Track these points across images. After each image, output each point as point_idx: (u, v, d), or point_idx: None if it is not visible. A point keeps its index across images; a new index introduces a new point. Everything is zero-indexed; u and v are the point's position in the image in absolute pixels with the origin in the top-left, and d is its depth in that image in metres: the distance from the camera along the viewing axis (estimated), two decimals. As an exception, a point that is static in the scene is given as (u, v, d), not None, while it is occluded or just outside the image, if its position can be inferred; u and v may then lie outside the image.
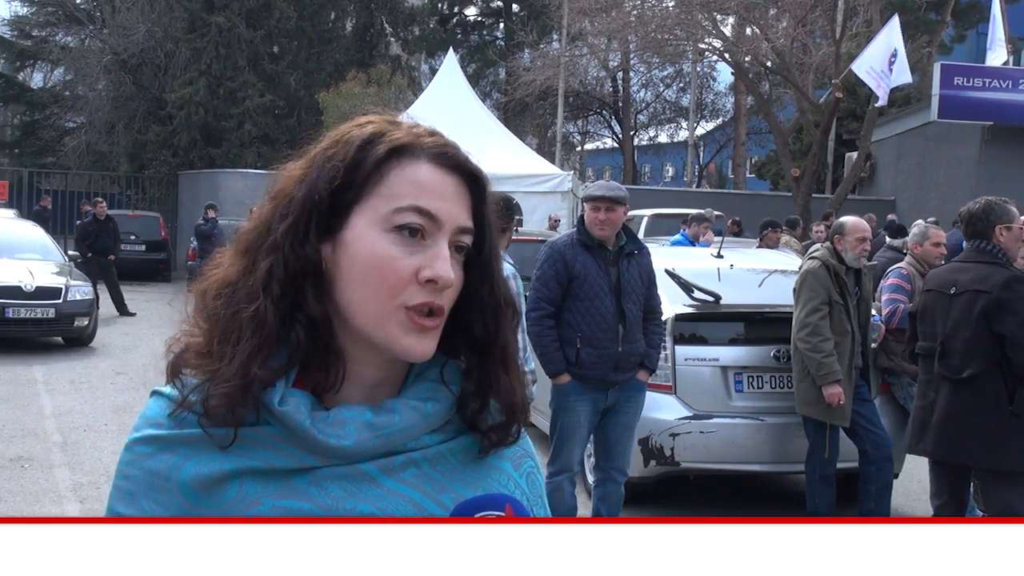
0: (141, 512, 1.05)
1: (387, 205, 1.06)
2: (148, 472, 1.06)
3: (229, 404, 1.03)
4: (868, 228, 5.89)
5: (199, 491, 1.04)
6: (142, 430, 1.08)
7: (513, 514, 1.11)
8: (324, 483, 1.05)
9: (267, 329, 1.04)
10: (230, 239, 1.15)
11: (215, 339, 1.06)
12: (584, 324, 4.97)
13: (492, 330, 1.13)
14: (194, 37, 25.98)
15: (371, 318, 1.06)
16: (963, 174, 19.21)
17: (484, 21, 35.60)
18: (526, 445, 1.22)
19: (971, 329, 4.46)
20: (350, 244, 1.06)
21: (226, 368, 1.03)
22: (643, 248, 5.21)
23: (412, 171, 1.08)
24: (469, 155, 1.12)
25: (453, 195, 1.09)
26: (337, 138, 1.11)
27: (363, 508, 1.05)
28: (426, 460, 1.10)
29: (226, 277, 1.09)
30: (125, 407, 8.78)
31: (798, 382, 5.66)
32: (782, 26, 21.16)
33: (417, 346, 1.06)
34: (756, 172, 34.90)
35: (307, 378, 1.08)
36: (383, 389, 1.11)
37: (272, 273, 1.05)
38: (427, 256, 1.06)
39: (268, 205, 1.11)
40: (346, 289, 1.06)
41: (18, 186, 26.23)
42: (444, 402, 1.12)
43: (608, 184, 5.23)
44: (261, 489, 1.04)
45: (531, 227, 14.63)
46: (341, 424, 1.05)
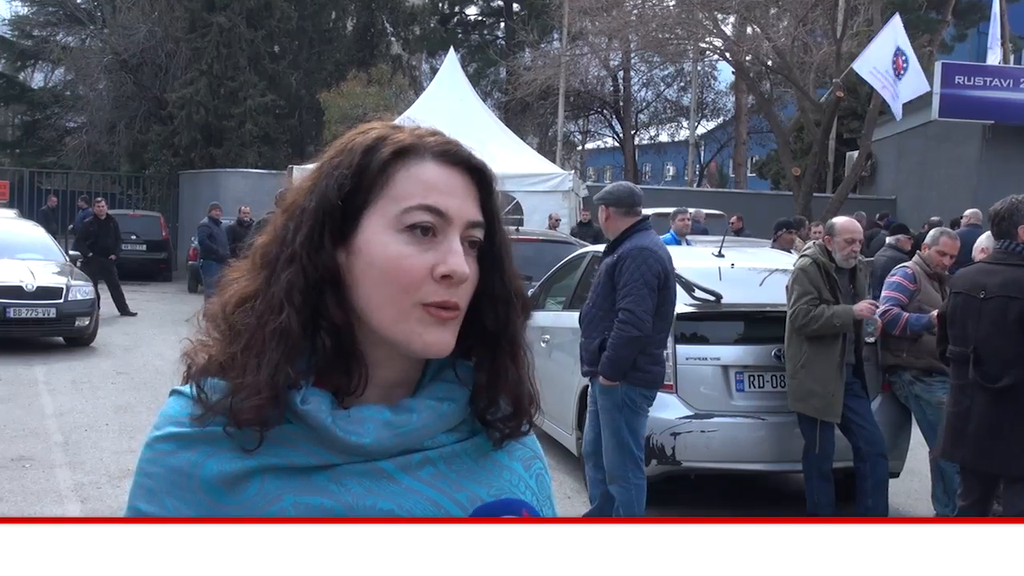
0: (163, 509, 1.07)
1: (396, 206, 1.08)
2: (170, 469, 1.07)
3: (260, 416, 1.04)
4: (859, 229, 5.89)
5: (222, 487, 1.06)
6: (163, 428, 1.10)
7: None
8: (344, 480, 1.07)
9: (292, 339, 1.06)
10: (245, 248, 1.17)
11: (238, 350, 1.07)
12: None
13: (503, 322, 1.15)
14: (195, 37, 25.97)
15: (390, 318, 1.07)
16: (964, 173, 19.20)
17: (485, 20, 35.56)
18: (535, 446, 1.24)
19: (1006, 336, 4.40)
20: (364, 248, 1.08)
21: (253, 379, 1.05)
22: (618, 250, 5.19)
23: (418, 170, 1.09)
24: (473, 150, 1.14)
25: (461, 190, 1.10)
26: (342, 147, 1.13)
27: (382, 505, 1.07)
28: (441, 459, 1.12)
29: (245, 290, 1.11)
30: (126, 407, 8.78)
31: (790, 378, 5.69)
32: (783, 25, 21.16)
33: (437, 340, 1.08)
34: (757, 171, 34.89)
35: (326, 381, 1.09)
36: (400, 389, 1.13)
37: (294, 284, 1.07)
38: (440, 252, 1.07)
39: (281, 218, 1.13)
40: (363, 293, 1.08)
41: (19, 186, 26.23)
42: (459, 402, 1.14)
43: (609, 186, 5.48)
44: (283, 485, 1.06)
45: (532, 227, 14.63)
46: (361, 422, 1.07)
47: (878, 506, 5.63)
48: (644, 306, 5.03)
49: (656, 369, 5.26)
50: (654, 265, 5.07)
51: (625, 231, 5.21)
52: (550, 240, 11.08)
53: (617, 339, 5.07)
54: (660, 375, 5.33)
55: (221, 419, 1.06)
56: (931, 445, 5.84)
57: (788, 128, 23.47)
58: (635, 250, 5.09)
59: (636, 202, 5.25)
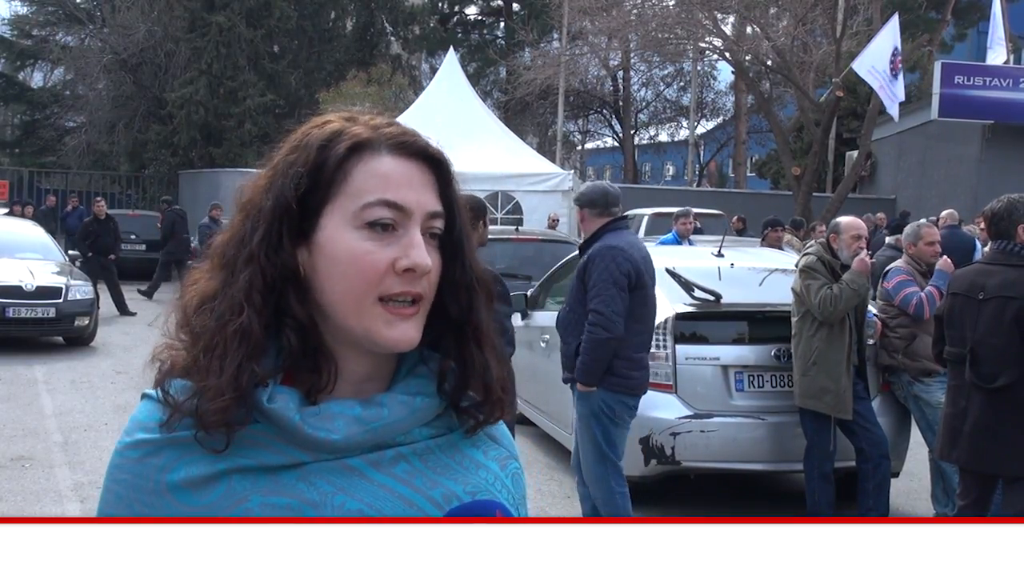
0: (132, 514, 1.06)
1: (355, 202, 1.07)
2: (137, 475, 1.07)
3: (225, 418, 1.03)
4: (864, 227, 5.90)
5: (188, 490, 1.05)
6: (133, 434, 1.09)
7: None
8: (312, 478, 1.06)
9: (253, 339, 1.05)
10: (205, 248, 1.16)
11: (200, 352, 1.07)
12: None
13: (467, 309, 1.14)
14: (194, 36, 26.00)
15: (353, 315, 1.07)
16: (964, 173, 19.21)
17: (484, 20, 35.59)
18: (511, 447, 1.23)
19: (1003, 336, 4.38)
20: (324, 246, 1.07)
21: (216, 382, 1.04)
22: (588, 252, 5.06)
23: (375, 165, 1.08)
24: (429, 140, 1.13)
25: (419, 182, 1.10)
26: (297, 143, 1.12)
27: (351, 504, 1.05)
28: (415, 454, 1.11)
29: (205, 291, 1.10)
30: (126, 406, 8.78)
31: (801, 375, 5.66)
32: (782, 25, 21.18)
33: (401, 336, 1.07)
34: (757, 171, 34.89)
35: (297, 379, 1.09)
36: (372, 384, 1.12)
37: (252, 284, 1.06)
38: (401, 246, 1.07)
39: (239, 217, 1.12)
40: (326, 290, 1.07)
41: (18, 186, 26.23)
42: (434, 397, 1.12)
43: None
44: (250, 486, 1.05)
45: (531, 226, 14.63)
46: (330, 418, 1.06)
47: (879, 507, 5.63)
48: (614, 307, 4.81)
49: (637, 374, 4.99)
50: (623, 264, 4.85)
51: (596, 232, 5.06)
52: (550, 240, 11.07)
53: (587, 342, 4.85)
54: (640, 381, 5.04)
55: (188, 422, 1.05)
56: (930, 445, 5.83)
57: (788, 128, 23.49)
58: (604, 249, 4.90)
59: (610, 202, 5.07)
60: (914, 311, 5.81)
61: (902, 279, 5.97)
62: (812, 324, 5.62)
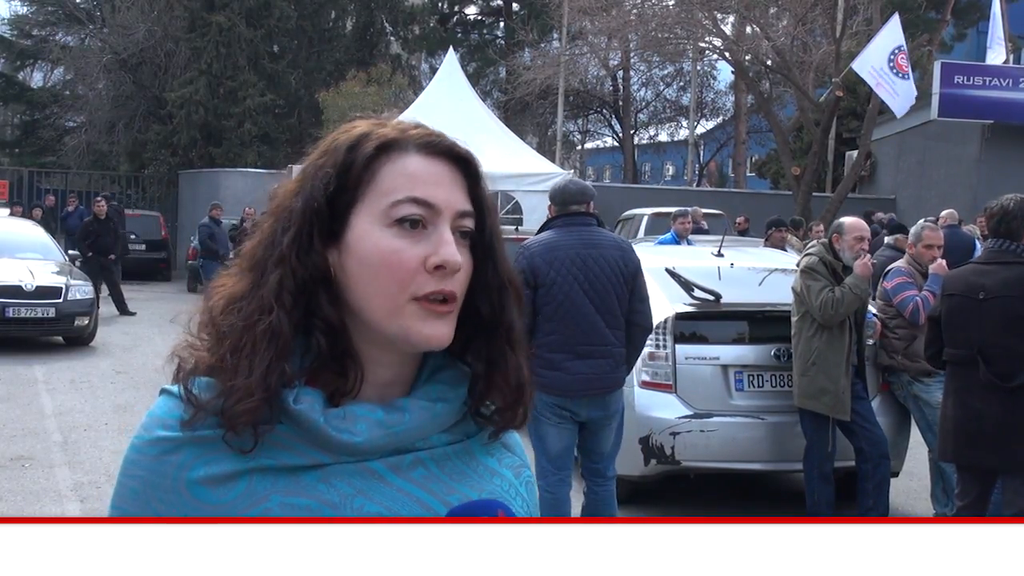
0: (148, 510, 1.06)
1: (383, 201, 1.08)
2: (155, 472, 1.06)
3: (254, 418, 1.03)
4: (867, 228, 5.89)
5: (207, 488, 1.05)
6: (152, 431, 1.08)
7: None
8: (333, 480, 1.06)
9: (283, 340, 1.05)
10: (232, 250, 1.17)
11: (227, 352, 1.07)
12: None
13: (499, 310, 1.14)
14: (194, 36, 25.97)
15: (385, 313, 1.07)
16: (963, 173, 19.21)
17: (484, 20, 35.55)
18: (523, 455, 1.23)
19: (1014, 334, 4.36)
20: (354, 245, 1.08)
21: (244, 381, 1.04)
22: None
23: (402, 164, 1.09)
24: (457, 141, 1.13)
25: (447, 181, 1.10)
26: (326, 147, 1.13)
27: (370, 507, 1.06)
28: (433, 460, 1.11)
29: (233, 292, 1.10)
30: (125, 406, 8.78)
31: (800, 375, 5.66)
32: (782, 24, 21.17)
33: (435, 333, 1.07)
34: (756, 171, 34.87)
35: (320, 381, 1.09)
36: (394, 388, 1.12)
37: (283, 284, 1.07)
38: (431, 243, 1.07)
39: (269, 221, 1.12)
40: (357, 290, 1.08)
41: (18, 186, 26.22)
42: (454, 403, 1.13)
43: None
44: (270, 486, 1.05)
45: (531, 226, 14.61)
46: (353, 421, 1.06)
47: (879, 506, 5.63)
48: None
49: (552, 375, 4.68)
50: (520, 262, 4.73)
51: (540, 227, 5.05)
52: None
53: None
54: (557, 381, 4.71)
55: (211, 421, 1.05)
56: (930, 445, 5.84)
57: (788, 128, 23.47)
58: (516, 248, 4.83)
59: (567, 199, 4.95)
60: (910, 316, 5.82)
61: (902, 280, 5.97)
62: (812, 324, 5.62)
